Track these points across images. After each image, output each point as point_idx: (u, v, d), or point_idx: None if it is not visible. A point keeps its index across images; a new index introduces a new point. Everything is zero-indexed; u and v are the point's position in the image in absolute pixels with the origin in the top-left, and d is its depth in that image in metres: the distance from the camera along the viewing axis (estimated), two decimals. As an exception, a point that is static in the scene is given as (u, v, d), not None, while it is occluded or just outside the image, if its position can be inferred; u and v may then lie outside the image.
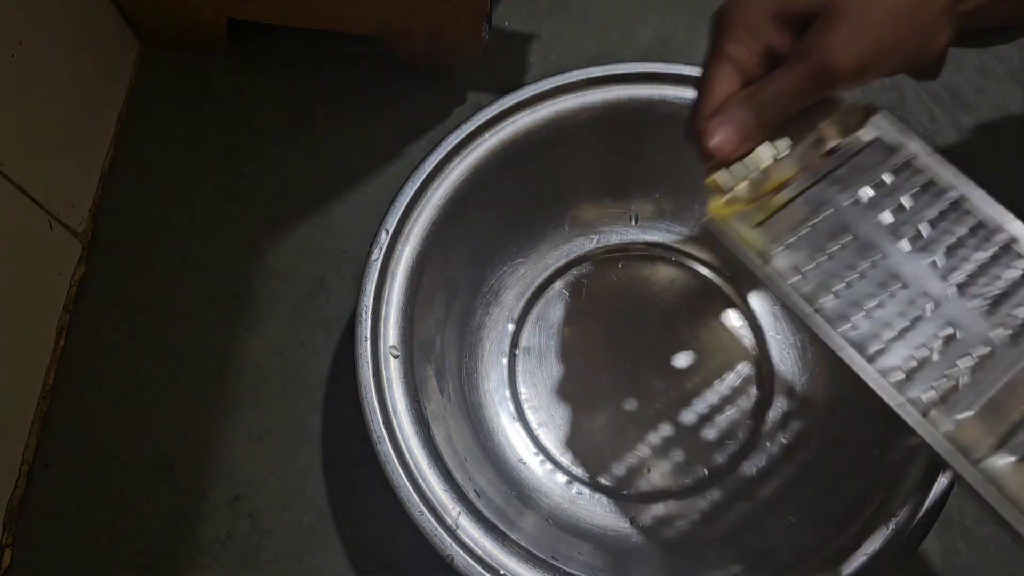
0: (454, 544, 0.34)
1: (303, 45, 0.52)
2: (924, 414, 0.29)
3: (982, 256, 0.32)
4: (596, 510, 0.42)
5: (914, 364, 0.30)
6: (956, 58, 0.54)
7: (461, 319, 0.45)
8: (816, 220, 0.32)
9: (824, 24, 0.29)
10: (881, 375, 0.30)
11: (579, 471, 0.43)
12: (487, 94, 0.51)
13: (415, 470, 0.36)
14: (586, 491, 0.42)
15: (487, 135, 0.42)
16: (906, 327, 0.30)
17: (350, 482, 0.43)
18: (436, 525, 0.35)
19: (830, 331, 0.30)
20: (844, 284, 0.31)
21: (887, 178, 0.33)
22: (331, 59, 0.52)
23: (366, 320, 0.38)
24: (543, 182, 0.45)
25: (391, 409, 0.37)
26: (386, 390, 0.37)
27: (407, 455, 0.36)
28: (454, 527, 0.35)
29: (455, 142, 0.41)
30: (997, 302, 0.31)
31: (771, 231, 0.32)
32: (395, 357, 0.38)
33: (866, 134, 0.33)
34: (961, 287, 0.31)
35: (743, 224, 0.32)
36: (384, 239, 0.39)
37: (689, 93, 0.42)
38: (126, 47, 0.52)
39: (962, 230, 0.32)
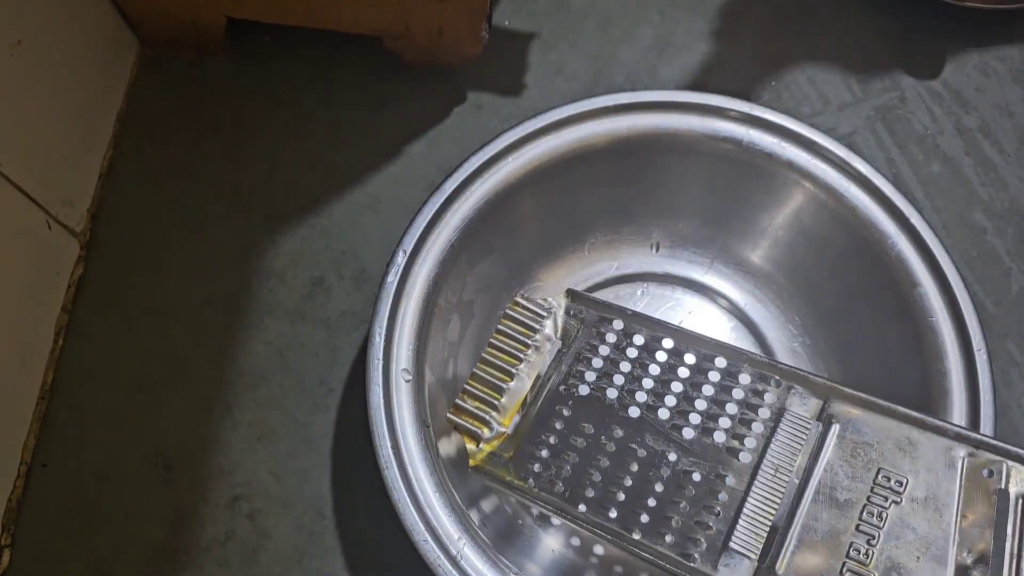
0: (457, 574, 0.34)
1: (302, 45, 0.52)
2: None
3: (718, 396, 0.36)
4: (603, 540, 0.41)
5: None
6: (956, 58, 0.54)
7: (475, 342, 0.44)
8: (554, 433, 0.37)
9: None
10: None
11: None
12: (487, 93, 0.51)
13: (421, 497, 0.35)
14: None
15: (509, 158, 0.41)
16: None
17: (350, 483, 0.43)
18: (439, 554, 0.34)
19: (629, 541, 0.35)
20: (598, 480, 0.35)
21: (602, 353, 0.38)
22: (331, 59, 0.52)
23: (379, 342, 0.37)
24: (563, 206, 0.44)
25: (400, 433, 0.36)
26: (396, 414, 0.37)
27: (414, 482, 0.36)
28: (458, 557, 0.35)
29: (477, 164, 0.41)
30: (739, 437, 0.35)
31: (524, 456, 0.37)
32: (407, 381, 0.37)
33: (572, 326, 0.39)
34: (696, 429, 0.35)
35: (501, 456, 0.37)
36: (401, 260, 0.39)
37: (716, 124, 0.42)
38: (125, 47, 0.52)
39: (678, 376, 0.37)
